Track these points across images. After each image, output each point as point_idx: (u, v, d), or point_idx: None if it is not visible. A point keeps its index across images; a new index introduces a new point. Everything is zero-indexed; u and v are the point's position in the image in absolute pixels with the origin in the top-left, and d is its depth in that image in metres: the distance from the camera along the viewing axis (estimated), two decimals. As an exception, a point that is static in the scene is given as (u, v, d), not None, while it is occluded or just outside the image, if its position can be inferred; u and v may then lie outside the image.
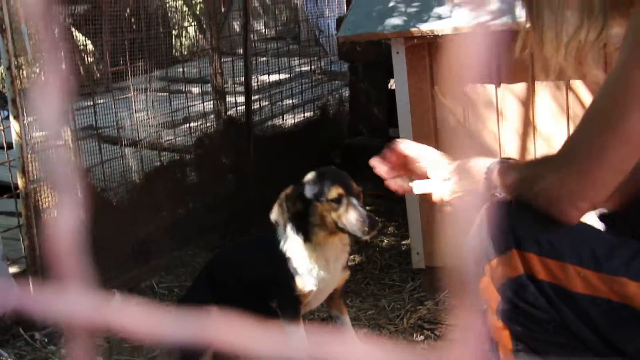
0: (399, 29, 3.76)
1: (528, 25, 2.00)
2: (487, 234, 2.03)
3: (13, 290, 3.61)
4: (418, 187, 2.49)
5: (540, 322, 1.94)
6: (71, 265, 0.69)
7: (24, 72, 3.65)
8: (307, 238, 3.21)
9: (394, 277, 4.44)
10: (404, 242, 4.85)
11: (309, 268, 3.23)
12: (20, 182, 3.67)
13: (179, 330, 0.62)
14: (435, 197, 2.34)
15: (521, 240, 1.93)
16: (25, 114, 3.68)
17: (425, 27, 3.69)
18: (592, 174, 1.83)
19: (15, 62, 3.60)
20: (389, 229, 5.11)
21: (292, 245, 3.25)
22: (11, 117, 3.58)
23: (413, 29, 3.71)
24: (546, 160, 2.06)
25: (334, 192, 3.13)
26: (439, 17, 3.73)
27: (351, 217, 3.10)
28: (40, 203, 3.82)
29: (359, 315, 3.93)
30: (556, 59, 1.97)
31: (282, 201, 3.20)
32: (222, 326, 0.62)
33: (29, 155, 3.70)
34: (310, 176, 3.24)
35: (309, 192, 3.17)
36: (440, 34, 3.67)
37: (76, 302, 0.65)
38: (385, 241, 4.97)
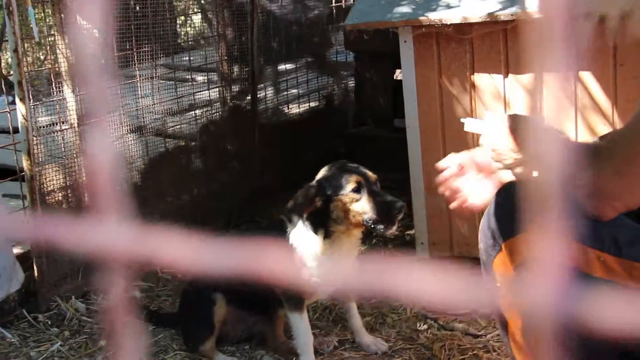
0: (407, 17, 3.75)
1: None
2: (507, 211, 2.04)
3: (17, 272, 3.62)
4: (470, 124, 2.38)
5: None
6: (110, 199, 0.67)
7: (31, 55, 3.65)
8: (325, 235, 3.17)
9: (398, 267, 4.43)
10: (408, 233, 4.84)
11: (318, 262, 3.21)
12: (25, 165, 3.67)
13: (221, 259, 0.61)
14: (485, 141, 2.26)
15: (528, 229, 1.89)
16: (30, 97, 3.67)
17: (433, 16, 3.68)
18: (628, 176, 1.81)
19: (22, 45, 3.59)
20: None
21: (303, 237, 3.22)
22: (17, 100, 3.57)
23: (421, 18, 3.70)
24: (593, 150, 2.04)
25: (353, 182, 3.09)
26: (448, 6, 3.72)
27: (375, 205, 3.05)
28: (45, 185, 3.82)
29: (362, 305, 3.91)
30: None
31: (297, 201, 3.13)
32: (264, 256, 0.61)
33: (35, 138, 3.70)
34: (325, 172, 3.19)
35: (327, 187, 3.11)
36: (448, 23, 3.65)
37: (115, 232, 0.63)
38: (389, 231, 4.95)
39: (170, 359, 3.44)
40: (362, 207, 3.06)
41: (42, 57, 6.20)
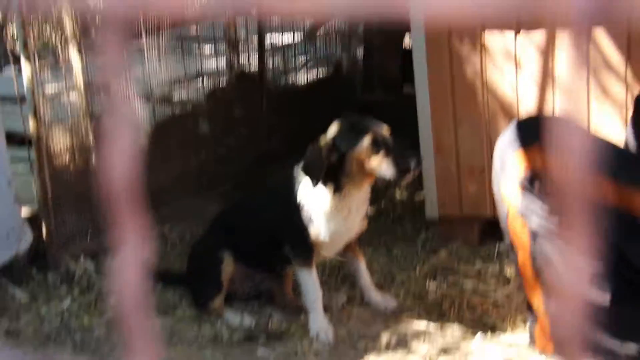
0: (416, -26, 3.71)
1: None
2: (516, 132, 2.30)
3: (25, 232, 3.62)
4: None
5: (553, 214, 2.18)
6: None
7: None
8: (336, 189, 3.14)
9: (407, 228, 4.42)
10: (417, 195, 4.82)
11: (327, 218, 3.19)
12: (31, 125, 3.66)
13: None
14: None
15: (542, 139, 2.17)
16: (36, 57, 3.65)
17: (443, -28, 3.63)
18: None
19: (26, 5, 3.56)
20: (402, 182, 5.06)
21: (312, 192, 3.20)
22: (22, 59, 3.55)
23: (431, -26, 3.65)
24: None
25: (369, 136, 3.04)
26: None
27: (391, 159, 3.02)
28: (51, 147, 3.81)
29: (371, 263, 3.88)
30: None
31: (314, 156, 3.08)
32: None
33: (41, 98, 3.67)
34: (338, 125, 3.15)
35: (342, 141, 3.06)
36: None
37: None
38: (398, 193, 4.94)
39: (179, 316, 3.44)
40: (378, 161, 3.03)
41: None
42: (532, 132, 2.27)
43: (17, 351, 3.05)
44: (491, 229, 3.95)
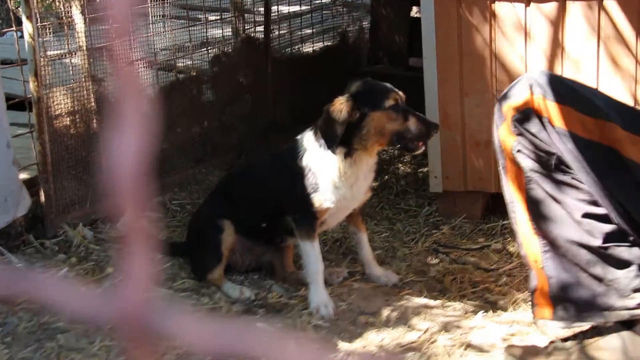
0: (427, -59, 3.61)
1: None
2: (510, 86, 2.49)
3: (23, 197, 3.56)
4: None
5: (543, 153, 2.38)
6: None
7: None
8: (347, 154, 3.09)
9: (410, 202, 4.37)
10: (420, 170, 4.76)
11: (334, 185, 3.13)
12: (32, 85, 3.59)
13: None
14: None
15: (532, 83, 2.38)
16: (38, 17, 3.57)
17: (454, -60, 3.54)
18: None
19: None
20: (406, 156, 5.01)
21: (319, 159, 3.14)
22: (24, 18, 3.47)
23: (442, -58, 3.56)
24: None
25: (391, 99, 3.03)
26: None
27: (411, 123, 3.02)
28: (52, 109, 3.75)
29: (373, 238, 3.86)
30: None
31: (334, 114, 3.00)
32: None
33: (42, 59, 3.60)
34: (356, 87, 3.10)
35: (365, 100, 3.02)
36: (470, -53, 3.52)
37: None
38: (402, 168, 4.88)
39: (178, 287, 3.40)
40: (399, 124, 3.02)
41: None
42: (523, 84, 2.44)
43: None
44: (495, 204, 3.90)
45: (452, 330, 2.98)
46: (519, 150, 2.44)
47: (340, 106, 3.00)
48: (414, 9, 5.96)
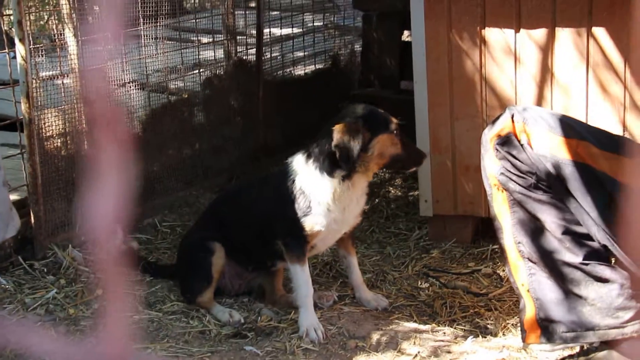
0: (418, -33, 3.65)
1: None
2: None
3: (13, 219, 3.55)
4: None
5: (524, 174, 2.53)
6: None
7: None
8: (346, 176, 3.11)
9: (400, 226, 4.37)
10: (411, 193, 4.78)
11: (327, 208, 3.14)
12: (23, 107, 3.59)
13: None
14: None
15: (513, 113, 2.58)
16: (30, 39, 3.58)
17: (445, -34, 3.57)
18: None
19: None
20: (397, 180, 5.03)
21: (312, 182, 3.14)
22: (16, 40, 3.48)
23: (433, -32, 3.60)
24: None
25: (394, 124, 3.11)
26: (461, -43, 3.61)
27: (407, 148, 3.13)
28: (43, 131, 3.74)
29: (363, 261, 3.86)
30: None
31: (350, 135, 3.00)
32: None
33: (34, 81, 3.61)
34: (363, 110, 3.14)
35: (371, 125, 3.06)
36: (461, -26, 3.55)
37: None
38: (392, 191, 4.90)
39: (167, 309, 3.38)
40: (397, 149, 3.10)
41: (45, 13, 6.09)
42: (503, 113, 2.64)
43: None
44: (485, 228, 3.91)
45: (442, 355, 2.97)
46: (502, 173, 2.59)
47: (355, 127, 3.03)
48: (405, 33, 5.99)
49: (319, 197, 3.12)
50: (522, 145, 2.55)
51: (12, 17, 3.54)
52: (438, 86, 3.87)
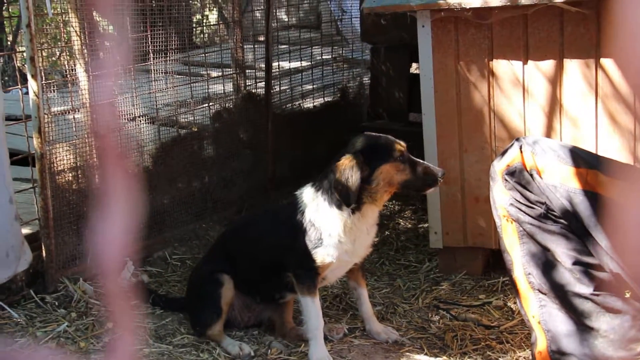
0: (425, 1, 3.68)
1: None
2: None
3: (25, 252, 3.57)
4: None
5: (534, 204, 2.53)
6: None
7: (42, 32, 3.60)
8: (356, 208, 3.10)
9: (410, 258, 4.37)
10: (420, 225, 4.78)
11: (338, 240, 3.14)
12: (35, 142, 3.62)
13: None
14: None
15: (522, 144, 2.60)
16: (42, 75, 3.63)
17: (453, 0, 3.61)
18: None
19: (35, 21, 3.54)
20: (406, 212, 5.03)
21: (322, 214, 3.14)
22: (29, 76, 3.53)
23: (440, 2, 3.64)
24: None
25: (397, 151, 3.07)
26: (468, -10, 3.65)
27: (419, 171, 3.06)
28: (55, 165, 3.78)
29: (373, 294, 3.85)
30: None
31: (348, 171, 3.02)
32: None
33: (46, 116, 3.65)
34: (362, 142, 3.12)
35: (372, 157, 3.05)
36: (468, 7, 3.59)
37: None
38: (402, 223, 4.89)
39: (177, 342, 3.38)
40: (406, 174, 3.06)
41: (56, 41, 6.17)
42: (513, 144, 2.67)
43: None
44: (495, 260, 3.90)
45: (454, 388, 2.95)
46: (511, 204, 2.60)
47: (351, 164, 3.02)
48: (414, 65, 6.04)
49: (330, 229, 3.13)
50: (531, 175, 2.56)
51: (25, 54, 3.58)
52: (446, 118, 3.89)
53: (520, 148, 2.61)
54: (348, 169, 3.01)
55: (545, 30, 3.61)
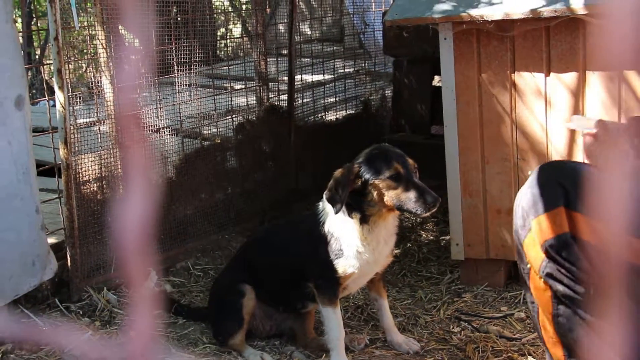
0: (447, 13, 3.71)
1: None
2: (539, 189, 2.02)
3: (50, 261, 3.62)
4: (576, 120, 2.49)
5: (581, 283, 2.10)
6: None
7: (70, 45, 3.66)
8: (362, 219, 3.13)
9: (432, 270, 4.37)
10: (443, 237, 4.78)
11: (357, 250, 3.16)
12: (61, 152, 3.68)
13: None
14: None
15: (570, 200, 2.08)
16: (69, 87, 3.69)
17: (474, 12, 3.63)
18: None
19: (62, 34, 3.61)
20: (428, 224, 5.03)
21: (340, 225, 3.17)
22: (56, 87, 3.59)
23: (462, 14, 3.65)
24: None
25: (392, 169, 3.05)
26: (489, 3, 3.67)
27: (410, 194, 3.01)
28: (80, 175, 3.83)
29: (395, 305, 3.86)
30: None
31: (338, 180, 3.07)
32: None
33: (72, 127, 3.70)
34: (365, 154, 3.15)
35: (367, 168, 3.07)
36: (490, 20, 3.60)
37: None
38: (424, 235, 4.90)
39: (200, 352, 3.40)
40: (397, 194, 3.02)
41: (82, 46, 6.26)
42: (556, 191, 2.16)
43: None
44: (517, 272, 3.88)
45: (475, 400, 2.95)
46: (548, 274, 2.22)
47: (344, 171, 3.08)
48: (436, 78, 6.05)
49: (349, 239, 3.15)
50: (582, 246, 2.09)
51: (52, 67, 3.65)
52: (468, 130, 3.90)
53: (569, 206, 2.08)
54: (342, 178, 3.06)
55: (568, 42, 3.62)
